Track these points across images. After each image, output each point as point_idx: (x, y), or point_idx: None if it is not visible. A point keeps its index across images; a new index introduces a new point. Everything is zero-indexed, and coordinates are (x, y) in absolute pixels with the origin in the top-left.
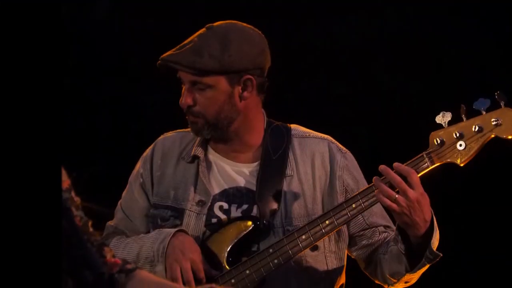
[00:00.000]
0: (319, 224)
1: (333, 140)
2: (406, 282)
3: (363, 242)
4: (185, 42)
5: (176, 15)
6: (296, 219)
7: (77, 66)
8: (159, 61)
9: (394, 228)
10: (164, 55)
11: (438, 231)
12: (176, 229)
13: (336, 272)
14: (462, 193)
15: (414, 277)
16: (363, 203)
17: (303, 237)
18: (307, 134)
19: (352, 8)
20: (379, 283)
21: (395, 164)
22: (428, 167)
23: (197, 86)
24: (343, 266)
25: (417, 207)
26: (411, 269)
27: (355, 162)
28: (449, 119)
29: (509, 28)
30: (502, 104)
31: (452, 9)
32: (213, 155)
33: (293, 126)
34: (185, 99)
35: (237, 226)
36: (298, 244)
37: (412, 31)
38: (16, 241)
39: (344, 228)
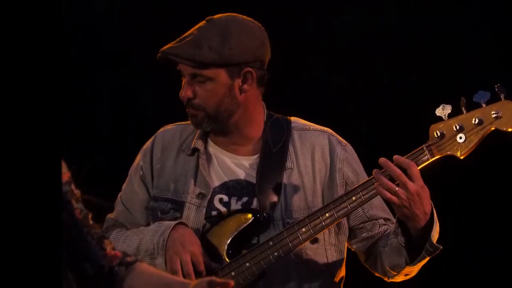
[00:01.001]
0: (319, 217)
1: (333, 133)
2: (406, 275)
3: (363, 234)
4: (185, 34)
5: (176, 9)
6: (296, 211)
7: (76, 61)
8: (159, 54)
9: (394, 220)
10: (164, 47)
11: (438, 224)
12: (176, 222)
13: (336, 265)
14: (462, 185)
15: (414, 270)
16: (363, 195)
17: (303, 229)
18: (307, 127)
19: (352, 2)
20: (379, 275)
21: (395, 157)
22: (428, 159)
23: (197, 79)
24: (343, 259)
25: (417, 199)
26: (411, 261)
27: (355, 155)
28: (449, 111)
29: (509, 20)
30: (502, 96)
31: (451, 2)
32: (213, 148)
33: (293, 118)
34: (185, 92)
35: (237, 218)
36: (298, 236)
37: (411, 24)
38: (17, 234)
39: (344, 220)
